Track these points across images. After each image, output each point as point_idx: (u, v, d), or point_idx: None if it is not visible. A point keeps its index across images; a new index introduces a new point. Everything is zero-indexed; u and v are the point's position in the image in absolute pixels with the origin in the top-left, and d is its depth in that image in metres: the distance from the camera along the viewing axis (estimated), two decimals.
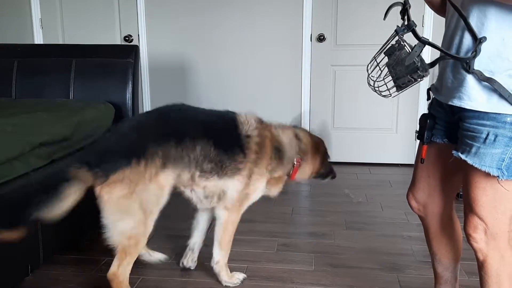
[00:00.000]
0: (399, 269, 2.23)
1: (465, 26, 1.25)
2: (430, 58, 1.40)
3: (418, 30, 1.25)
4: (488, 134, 1.25)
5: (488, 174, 1.27)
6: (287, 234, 2.64)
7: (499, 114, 1.23)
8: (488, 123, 1.24)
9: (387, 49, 1.29)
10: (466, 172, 1.34)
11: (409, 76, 1.26)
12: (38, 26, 4.20)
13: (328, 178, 2.29)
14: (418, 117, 1.58)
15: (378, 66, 1.30)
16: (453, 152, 1.34)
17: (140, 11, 4.08)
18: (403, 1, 1.28)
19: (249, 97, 4.03)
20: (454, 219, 1.64)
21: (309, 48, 3.98)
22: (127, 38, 4.13)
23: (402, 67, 1.26)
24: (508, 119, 1.22)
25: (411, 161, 2.09)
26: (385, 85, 1.32)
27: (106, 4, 4.11)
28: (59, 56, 3.15)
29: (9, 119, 2.22)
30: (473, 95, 1.25)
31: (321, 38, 3.95)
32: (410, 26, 1.25)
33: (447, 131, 1.46)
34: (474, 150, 1.27)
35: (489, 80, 1.22)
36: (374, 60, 1.32)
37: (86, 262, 2.29)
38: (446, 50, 1.29)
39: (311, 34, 3.96)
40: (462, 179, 1.39)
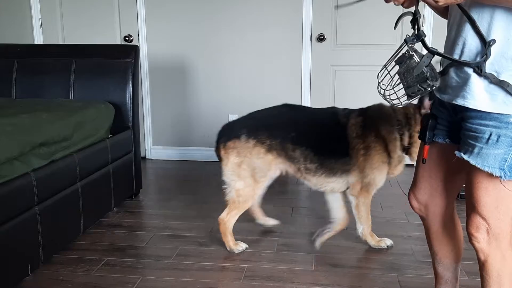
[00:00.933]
0: (399, 269, 2.23)
1: (470, 29, 1.24)
2: (440, 63, 1.39)
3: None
4: (491, 135, 1.24)
5: (491, 175, 1.27)
6: (287, 234, 2.64)
7: (502, 115, 1.23)
8: (491, 124, 1.24)
9: (398, 58, 1.28)
10: (469, 172, 1.34)
11: (419, 86, 1.25)
12: (38, 26, 4.20)
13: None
14: None
15: (389, 74, 1.30)
16: (456, 153, 1.33)
17: (140, 11, 4.08)
18: (413, 11, 1.28)
19: (249, 97, 4.03)
20: (456, 219, 1.64)
21: (309, 48, 3.98)
22: (127, 38, 4.13)
23: (412, 77, 1.25)
24: (511, 120, 1.22)
25: (412, 161, 2.09)
26: (395, 94, 1.31)
27: (106, 4, 4.11)
28: (59, 56, 3.16)
29: (9, 119, 2.22)
30: (477, 95, 1.25)
31: (321, 38, 3.95)
32: (420, 36, 1.24)
33: (449, 131, 1.45)
34: (477, 151, 1.27)
35: (502, 83, 1.21)
36: (385, 68, 1.31)
37: (86, 262, 2.29)
38: (449, 56, 1.29)
39: (311, 34, 3.96)
40: (465, 179, 1.39)
